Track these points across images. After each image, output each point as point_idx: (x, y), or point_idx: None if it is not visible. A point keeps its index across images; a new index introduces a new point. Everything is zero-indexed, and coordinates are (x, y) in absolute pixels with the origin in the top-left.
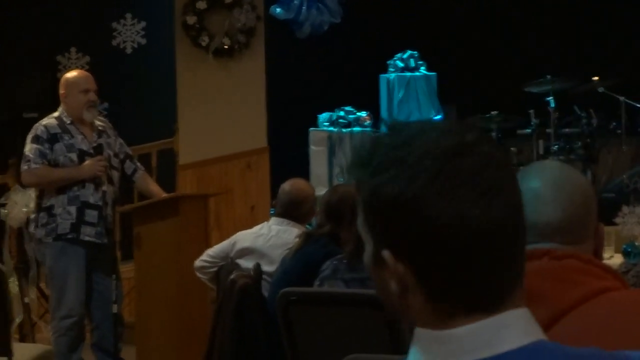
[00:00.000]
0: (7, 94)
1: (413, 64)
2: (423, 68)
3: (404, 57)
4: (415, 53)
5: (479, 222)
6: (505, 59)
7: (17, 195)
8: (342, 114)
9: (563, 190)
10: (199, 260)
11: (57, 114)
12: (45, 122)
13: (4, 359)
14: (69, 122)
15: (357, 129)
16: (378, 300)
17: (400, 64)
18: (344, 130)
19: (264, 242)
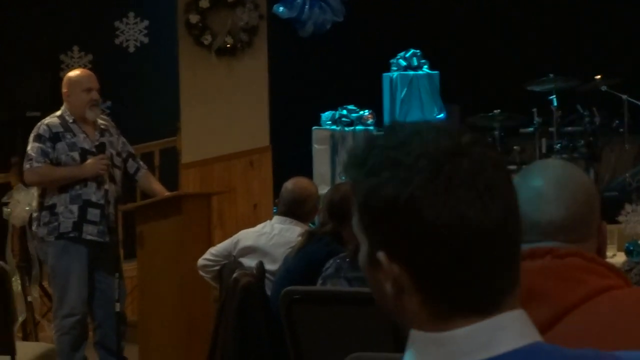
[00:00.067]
0: (9, 93)
1: (416, 63)
2: (426, 67)
3: (407, 55)
4: (418, 52)
5: (477, 222)
6: (508, 58)
7: (19, 194)
8: (344, 113)
9: (566, 189)
10: (202, 259)
11: (59, 113)
12: (48, 120)
13: (7, 358)
14: (72, 120)
15: (359, 128)
16: None
17: (403, 63)
18: (347, 129)
19: (267, 240)
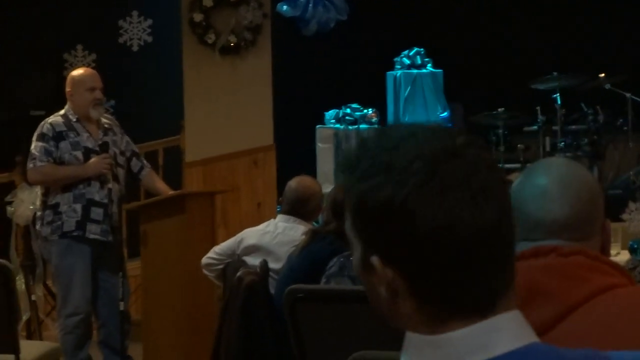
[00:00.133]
0: (13, 92)
1: (419, 61)
2: (429, 65)
3: (411, 54)
4: (422, 50)
5: (471, 225)
6: (512, 56)
7: (23, 193)
8: (348, 111)
9: (570, 187)
10: (206, 258)
11: (62, 112)
12: (51, 120)
13: (11, 357)
14: (75, 119)
15: (363, 126)
16: None
17: (407, 61)
18: (351, 128)
19: (271, 239)
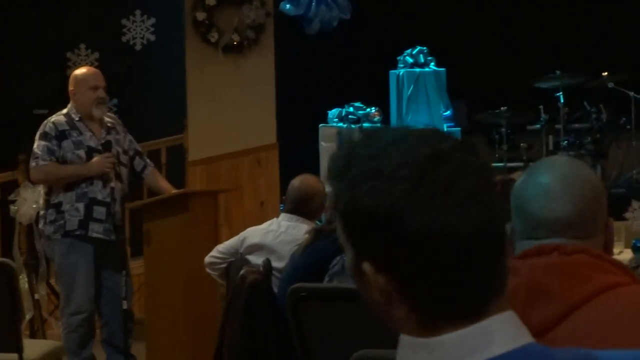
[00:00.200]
0: (16, 91)
1: (422, 60)
2: (432, 64)
3: (414, 52)
4: (425, 49)
5: (460, 230)
6: (515, 55)
7: (26, 192)
8: (351, 110)
9: (573, 186)
10: (209, 257)
11: (65, 111)
12: (54, 119)
13: (15, 356)
14: (78, 118)
15: (366, 125)
16: None
17: (410, 60)
18: (354, 126)
19: (274, 238)
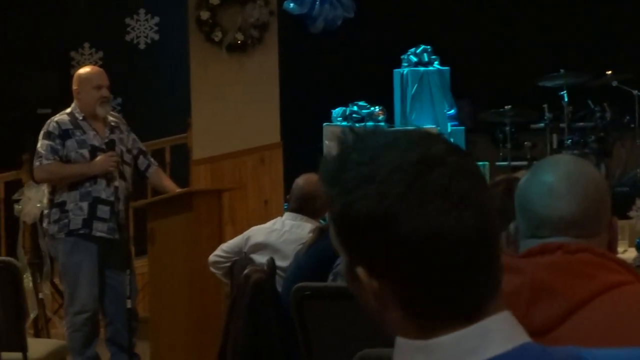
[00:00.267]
0: (20, 90)
1: (426, 59)
2: (436, 63)
3: (418, 51)
4: (429, 48)
5: (453, 233)
6: (519, 53)
7: (30, 191)
8: (355, 109)
9: (577, 184)
10: (213, 255)
11: (69, 110)
12: (57, 118)
13: (19, 355)
14: (81, 118)
15: (370, 124)
16: None
17: (414, 59)
18: (358, 125)
19: (278, 237)
